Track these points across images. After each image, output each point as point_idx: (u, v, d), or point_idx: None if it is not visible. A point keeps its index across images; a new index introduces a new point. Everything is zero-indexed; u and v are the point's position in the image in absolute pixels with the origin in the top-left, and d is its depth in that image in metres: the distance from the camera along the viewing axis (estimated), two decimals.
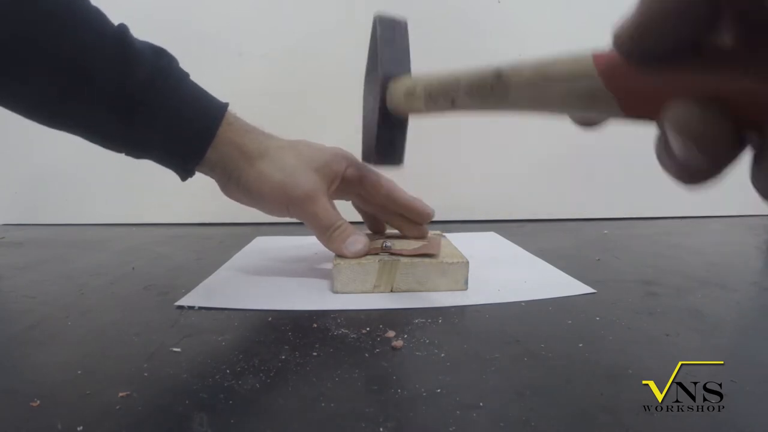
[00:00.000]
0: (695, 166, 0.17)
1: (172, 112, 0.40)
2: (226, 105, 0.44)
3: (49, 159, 0.85)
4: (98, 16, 0.38)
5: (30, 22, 0.34)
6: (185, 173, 0.44)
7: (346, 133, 0.83)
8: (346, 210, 0.48)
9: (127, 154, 0.42)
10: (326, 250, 0.45)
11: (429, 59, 0.87)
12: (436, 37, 0.84)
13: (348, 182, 0.47)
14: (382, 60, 0.39)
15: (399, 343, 0.32)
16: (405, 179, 0.49)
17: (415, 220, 0.50)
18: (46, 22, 0.35)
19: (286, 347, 0.32)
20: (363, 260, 0.43)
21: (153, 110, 0.39)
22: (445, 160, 0.86)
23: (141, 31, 0.41)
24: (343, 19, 0.83)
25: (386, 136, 0.40)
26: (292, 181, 0.43)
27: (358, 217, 0.53)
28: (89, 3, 0.38)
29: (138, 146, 0.42)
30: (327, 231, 0.44)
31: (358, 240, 0.44)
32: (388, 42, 0.41)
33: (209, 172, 0.45)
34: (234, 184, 0.44)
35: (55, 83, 0.36)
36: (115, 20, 0.40)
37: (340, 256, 0.44)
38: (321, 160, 0.45)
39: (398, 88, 0.37)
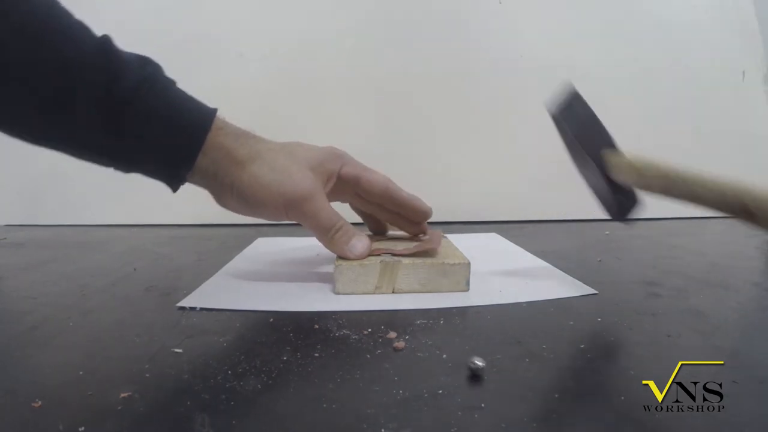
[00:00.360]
0: None
1: (160, 118, 0.39)
2: (215, 110, 0.43)
3: (51, 160, 0.85)
4: (79, 29, 0.38)
5: (3, 37, 0.34)
6: (176, 182, 0.43)
7: (346, 134, 0.83)
8: (345, 213, 0.48)
9: (116, 168, 0.41)
10: (328, 251, 0.45)
11: (431, 59, 0.88)
12: (437, 37, 0.84)
13: (344, 181, 0.47)
14: (597, 137, 0.42)
15: (401, 344, 0.32)
16: (407, 180, 0.49)
17: (412, 219, 0.49)
18: (20, 38, 0.34)
19: (288, 348, 0.32)
20: (364, 261, 0.43)
21: (140, 118, 0.38)
22: (447, 161, 0.86)
23: (143, 33, 0.41)
24: (343, 20, 0.83)
25: (622, 198, 0.42)
26: (288, 181, 0.42)
27: (357, 219, 0.53)
28: (70, 17, 0.38)
29: (127, 157, 0.41)
30: (328, 232, 0.43)
31: (361, 241, 0.44)
32: (592, 118, 0.43)
33: (201, 181, 0.43)
34: (227, 192, 0.43)
35: (35, 98, 0.36)
36: (118, 23, 0.40)
37: (342, 258, 0.44)
38: (315, 159, 0.44)
39: (620, 164, 0.40)
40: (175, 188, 0.43)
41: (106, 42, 0.38)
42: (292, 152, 0.44)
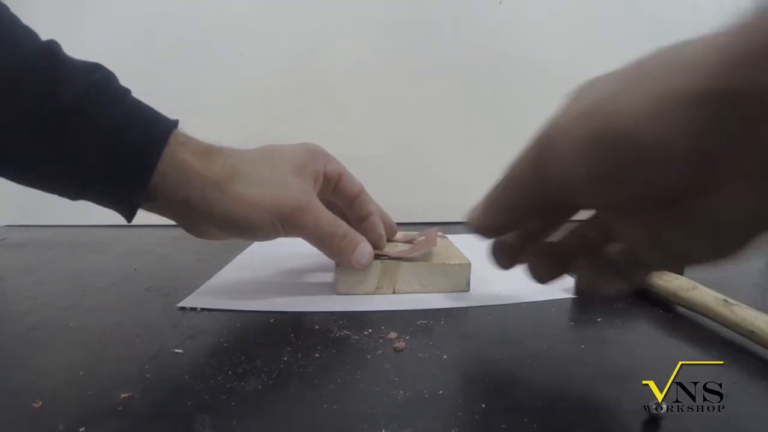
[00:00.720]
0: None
1: (108, 130, 0.34)
2: (175, 122, 0.37)
3: None
4: (23, 33, 0.34)
5: None
6: (128, 209, 0.37)
7: (347, 134, 0.83)
8: None
9: (62, 193, 0.36)
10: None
11: (431, 59, 0.88)
12: (437, 37, 0.84)
13: (327, 179, 0.43)
14: None
15: (401, 344, 0.32)
16: (408, 180, 0.49)
17: (367, 231, 0.45)
18: None
19: (288, 349, 0.32)
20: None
21: (85, 129, 0.33)
22: (447, 161, 0.86)
23: (145, 34, 0.41)
24: (343, 20, 0.83)
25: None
26: (278, 194, 0.37)
27: None
28: (14, 21, 0.34)
29: (71, 178, 0.35)
30: (333, 239, 0.40)
31: (366, 249, 0.41)
32: None
33: (167, 208, 0.38)
34: (205, 221, 0.38)
35: None
36: (119, 24, 0.39)
37: (349, 268, 0.42)
38: (298, 161, 0.40)
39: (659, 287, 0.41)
40: (128, 216, 0.38)
41: (50, 46, 0.34)
42: (272, 159, 0.39)
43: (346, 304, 0.41)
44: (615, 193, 0.20)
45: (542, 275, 0.28)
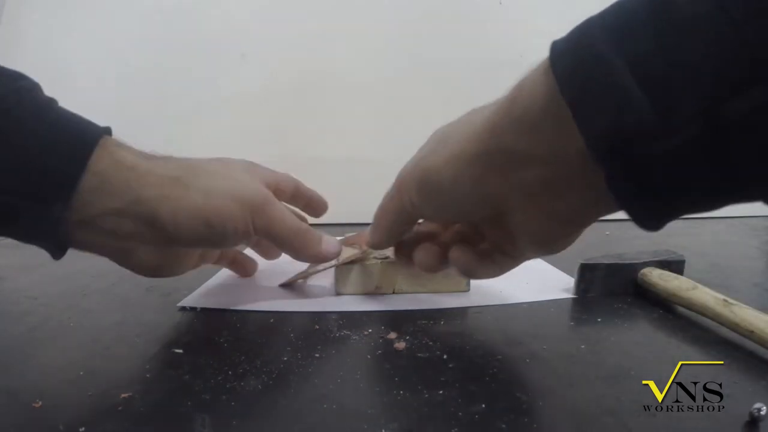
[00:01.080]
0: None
1: (30, 141, 0.29)
2: (107, 128, 0.33)
3: None
4: None
5: None
6: (57, 229, 0.30)
7: (347, 134, 0.83)
8: None
9: None
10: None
11: (431, 59, 0.87)
12: (437, 37, 0.84)
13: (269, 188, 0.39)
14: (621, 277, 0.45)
15: (401, 344, 0.32)
16: None
17: (315, 213, 0.46)
18: None
19: (288, 349, 0.32)
20: (365, 262, 0.43)
21: (4, 141, 0.29)
22: None
23: (146, 34, 0.40)
24: (343, 21, 0.83)
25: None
26: (247, 186, 0.35)
27: None
28: None
29: None
30: (298, 234, 0.37)
31: (331, 239, 0.39)
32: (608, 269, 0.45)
33: (108, 224, 0.31)
34: (169, 224, 0.31)
35: None
36: (121, 24, 0.39)
37: (316, 261, 0.41)
38: (244, 167, 0.38)
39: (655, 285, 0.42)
40: (56, 253, 0.33)
41: None
42: (221, 162, 0.37)
43: (346, 304, 0.41)
44: (440, 213, 0.31)
45: (430, 264, 0.34)
